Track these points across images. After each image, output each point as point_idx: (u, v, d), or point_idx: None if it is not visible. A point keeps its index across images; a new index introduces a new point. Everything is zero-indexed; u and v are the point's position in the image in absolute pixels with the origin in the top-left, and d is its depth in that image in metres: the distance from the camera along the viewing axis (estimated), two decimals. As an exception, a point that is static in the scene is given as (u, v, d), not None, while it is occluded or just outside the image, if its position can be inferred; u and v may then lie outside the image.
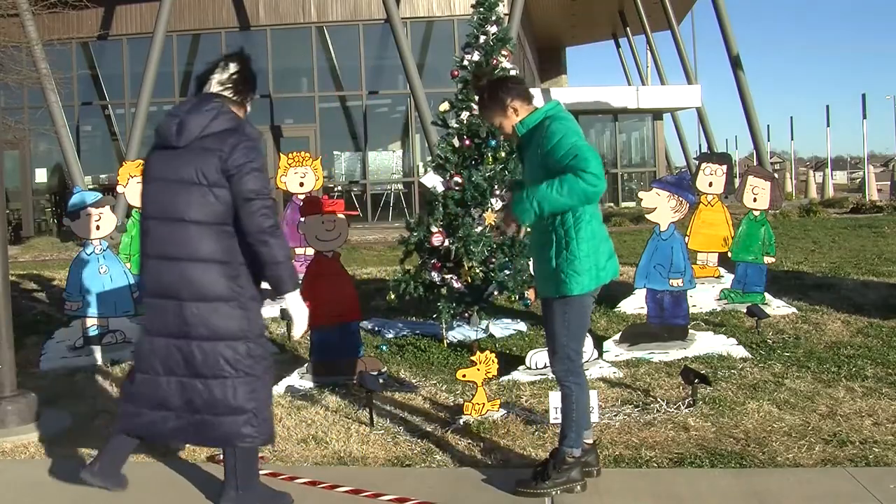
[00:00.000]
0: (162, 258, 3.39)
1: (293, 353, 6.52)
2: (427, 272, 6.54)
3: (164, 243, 3.39)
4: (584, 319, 3.68)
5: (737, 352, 5.94)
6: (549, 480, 3.61)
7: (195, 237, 3.34)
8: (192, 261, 3.35)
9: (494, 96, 3.72)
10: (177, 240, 3.36)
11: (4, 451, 4.42)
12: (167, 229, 3.38)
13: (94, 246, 6.32)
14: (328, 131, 21.50)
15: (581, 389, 3.69)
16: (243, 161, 3.32)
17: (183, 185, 3.35)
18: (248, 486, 3.47)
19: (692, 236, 7.81)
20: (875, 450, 4.08)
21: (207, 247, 3.34)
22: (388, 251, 13.30)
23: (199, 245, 3.34)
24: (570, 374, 3.67)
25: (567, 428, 3.67)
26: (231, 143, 3.34)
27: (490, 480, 3.80)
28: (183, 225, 3.35)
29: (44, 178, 21.82)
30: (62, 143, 18.14)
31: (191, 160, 3.35)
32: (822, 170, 35.08)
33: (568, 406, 3.67)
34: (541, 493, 3.60)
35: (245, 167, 3.32)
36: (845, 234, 14.00)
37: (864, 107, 25.72)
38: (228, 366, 3.37)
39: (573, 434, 3.65)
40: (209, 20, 21.20)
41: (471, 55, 6.65)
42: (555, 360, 3.70)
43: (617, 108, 23.25)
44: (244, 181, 3.31)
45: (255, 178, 3.33)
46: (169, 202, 3.38)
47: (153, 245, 3.43)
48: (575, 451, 3.65)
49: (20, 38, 15.01)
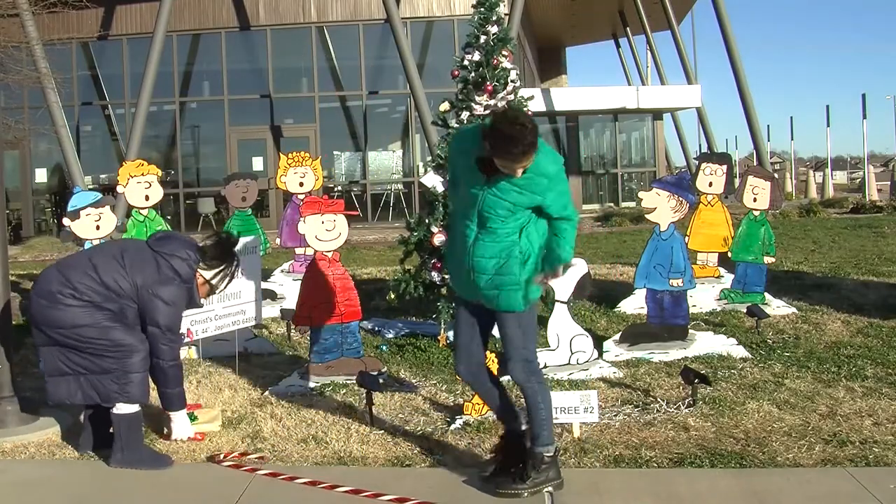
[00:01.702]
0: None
1: (293, 353, 6.52)
2: (427, 272, 6.54)
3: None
4: (535, 320, 3.79)
5: (737, 352, 5.94)
6: (529, 480, 3.63)
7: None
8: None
9: (535, 142, 3.37)
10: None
11: (4, 451, 4.42)
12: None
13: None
14: (328, 131, 21.49)
15: (543, 387, 3.72)
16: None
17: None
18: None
19: (692, 236, 7.81)
20: (875, 450, 4.08)
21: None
22: (388, 251, 13.30)
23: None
24: (531, 375, 3.69)
25: (539, 428, 3.69)
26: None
27: (490, 480, 3.79)
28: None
29: (44, 178, 21.83)
30: (62, 143, 18.13)
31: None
32: (822, 170, 35.07)
33: (535, 407, 3.68)
34: (520, 493, 3.61)
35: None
36: (845, 234, 14.00)
37: (864, 107, 25.72)
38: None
39: (546, 433, 3.69)
40: (209, 20, 21.19)
41: (471, 55, 6.64)
42: (513, 365, 3.68)
43: (617, 108, 23.24)
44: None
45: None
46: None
47: None
48: (550, 449, 3.68)
49: (20, 38, 14.99)
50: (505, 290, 3.59)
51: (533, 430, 3.70)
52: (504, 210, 3.51)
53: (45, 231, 20.51)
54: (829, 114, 29.78)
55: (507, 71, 6.55)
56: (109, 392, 4.06)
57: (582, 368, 5.54)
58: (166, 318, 4.09)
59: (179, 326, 4.27)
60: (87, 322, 3.98)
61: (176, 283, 4.12)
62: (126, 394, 4.04)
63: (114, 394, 4.05)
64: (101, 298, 4.01)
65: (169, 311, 4.10)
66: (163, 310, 4.07)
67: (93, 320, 3.99)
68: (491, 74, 6.54)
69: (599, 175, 24.35)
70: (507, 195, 3.49)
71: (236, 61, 21.56)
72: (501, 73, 6.57)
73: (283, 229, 8.69)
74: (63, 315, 3.98)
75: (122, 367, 4.02)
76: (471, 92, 6.57)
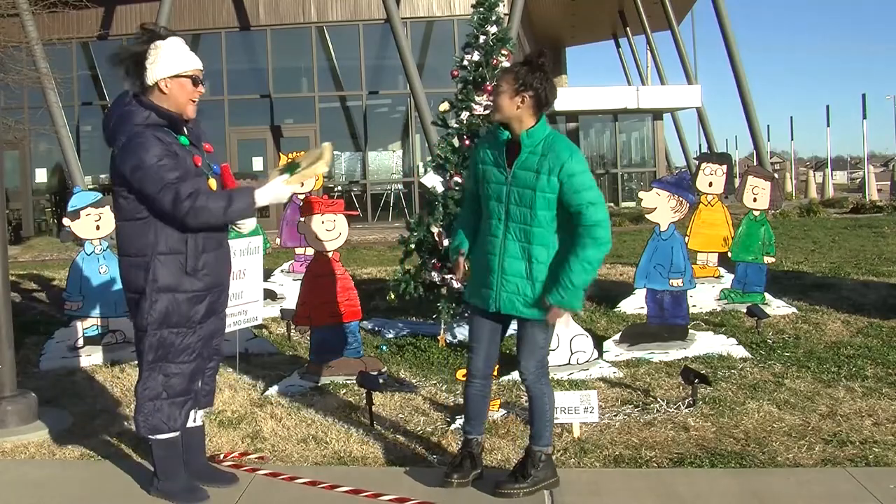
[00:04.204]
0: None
1: (293, 353, 6.52)
2: (427, 272, 6.54)
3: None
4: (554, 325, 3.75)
5: (737, 352, 5.94)
6: (530, 479, 3.64)
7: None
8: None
9: (525, 75, 3.50)
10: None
11: (4, 451, 4.42)
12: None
13: (94, 246, 6.31)
14: (328, 131, 21.47)
15: (550, 389, 3.74)
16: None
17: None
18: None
19: (692, 236, 7.81)
20: (875, 450, 4.08)
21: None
22: (388, 251, 13.31)
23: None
24: (542, 377, 3.69)
25: (543, 429, 3.70)
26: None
27: (490, 480, 3.79)
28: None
29: (44, 178, 21.84)
30: (62, 143, 18.12)
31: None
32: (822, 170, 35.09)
33: (542, 408, 3.69)
34: (519, 492, 3.61)
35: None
36: (845, 234, 14.00)
37: (864, 107, 25.75)
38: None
39: (548, 434, 3.71)
40: (209, 20, 21.19)
41: (471, 55, 6.64)
42: (527, 364, 3.66)
43: (617, 108, 23.26)
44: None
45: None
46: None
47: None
48: (548, 450, 3.71)
49: (20, 38, 14.99)
50: (523, 296, 3.56)
51: (536, 429, 3.70)
52: (529, 200, 3.49)
53: (45, 231, 20.50)
54: (829, 114, 29.87)
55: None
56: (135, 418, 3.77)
57: (582, 368, 5.54)
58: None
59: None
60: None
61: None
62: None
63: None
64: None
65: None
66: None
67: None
68: (491, 74, 6.54)
69: (599, 175, 24.38)
70: (529, 180, 3.49)
71: (236, 61, 21.56)
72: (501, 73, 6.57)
73: (283, 229, 8.69)
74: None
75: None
76: (470, 92, 6.57)
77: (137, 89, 3.51)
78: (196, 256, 3.52)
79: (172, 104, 3.51)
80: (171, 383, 3.56)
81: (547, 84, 3.53)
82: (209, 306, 3.62)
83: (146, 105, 3.47)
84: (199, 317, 3.58)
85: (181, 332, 3.54)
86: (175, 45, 3.53)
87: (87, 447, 4.40)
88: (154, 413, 3.55)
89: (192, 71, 3.56)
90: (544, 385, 3.69)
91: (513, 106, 3.52)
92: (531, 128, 3.53)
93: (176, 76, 3.50)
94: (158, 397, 3.55)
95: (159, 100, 3.49)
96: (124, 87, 3.59)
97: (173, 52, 3.51)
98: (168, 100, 3.50)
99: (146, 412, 3.55)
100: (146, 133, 3.42)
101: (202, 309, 3.58)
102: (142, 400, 3.55)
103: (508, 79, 3.55)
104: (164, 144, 3.43)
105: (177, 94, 3.51)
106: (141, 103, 3.48)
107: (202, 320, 3.59)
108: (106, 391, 5.50)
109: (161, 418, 3.56)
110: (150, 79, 3.48)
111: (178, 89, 3.51)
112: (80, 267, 6.27)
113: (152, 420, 3.55)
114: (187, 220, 3.41)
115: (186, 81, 3.53)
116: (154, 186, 3.37)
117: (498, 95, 3.56)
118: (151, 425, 3.56)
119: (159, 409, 3.55)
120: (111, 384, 5.63)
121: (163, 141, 3.43)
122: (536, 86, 3.50)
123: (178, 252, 3.49)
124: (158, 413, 3.55)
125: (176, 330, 3.53)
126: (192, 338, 3.57)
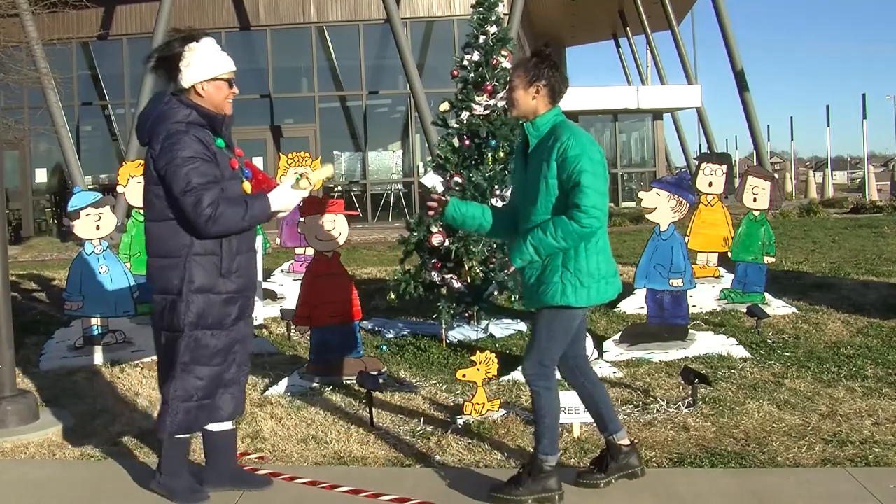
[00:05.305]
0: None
1: (293, 353, 6.52)
2: (427, 272, 6.54)
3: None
4: (570, 331, 3.61)
5: (737, 352, 5.94)
6: (524, 488, 3.54)
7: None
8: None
9: (535, 67, 3.56)
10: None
11: (4, 451, 4.42)
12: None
13: (94, 246, 6.31)
14: (328, 131, 21.49)
15: (550, 395, 3.61)
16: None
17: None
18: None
19: (692, 236, 7.81)
20: (875, 450, 4.08)
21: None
22: (388, 251, 13.31)
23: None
24: (539, 378, 3.59)
25: (540, 433, 3.61)
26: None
27: (490, 481, 3.79)
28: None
29: (44, 178, 21.83)
30: (62, 143, 18.13)
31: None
32: (822, 170, 35.09)
33: (538, 411, 3.61)
34: (513, 501, 3.53)
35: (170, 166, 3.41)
36: (845, 234, 14.00)
37: (864, 107, 25.73)
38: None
39: (546, 440, 3.59)
40: (209, 20, 21.17)
41: (471, 55, 6.65)
42: (528, 361, 3.62)
43: (617, 108, 23.26)
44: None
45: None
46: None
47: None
48: (550, 460, 3.58)
49: (20, 38, 15.00)
50: (544, 284, 3.54)
51: (536, 433, 3.64)
52: (536, 190, 3.50)
53: (45, 231, 20.50)
54: (829, 114, 29.83)
55: (506, 71, 6.56)
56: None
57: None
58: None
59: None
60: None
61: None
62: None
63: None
64: None
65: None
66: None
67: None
68: (490, 74, 6.55)
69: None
70: (539, 170, 3.51)
71: (236, 61, 20.82)
72: (501, 73, 6.58)
73: (283, 229, 8.69)
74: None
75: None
76: (470, 92, 6.57)
77: (174, 90, 3.53)
78: (231, 258, 3.53)
79: (210, 105, 3.53)
80: (201, 385, 3.56)
81: (557, 73, 3.59)
82: (240, 309, 3.63)
83: (187, 104, 3.49)
84: (232, 319, 3.58)
85: (216, 333, 3.55)
86: (209, 47, 3.54)
87: (87, 447, 4.40)
88: (184, 414, 3.55)
89: (228, 74, 3.58)
90: (541, 388, 3.59)
91: (528, 98, 3.57)
92: (537, 117, 3.57)
93: (213, 80, 3.52)
94: (190, 399, 3.55)
95: (197, 101, 3.52)
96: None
97: (208, 55, 3.52)
98: (205, 101, 3.52)
99: (175, 413, 3.53)
100: (186, 131, 3.43)
101: (235, 311, 3.59)
102: (173, 401, 3.53)
103: (520, 72, 3.60)
104: (203, 145, 3.44)
105: (213, 96, 3.53)
106: (181, 101, 3.49)
107: (234, 323, 3.60)
108: (106, 391, 5.50)
109: (189, 419, 3.56)
110: (186, 82, 3.49)
111: (214, 92, 3.54)
112: (80, 267, 6.27)
113: (180, 421, 3.54)
114: (207, 227, 3.40)
115: (223, 84, 3.56)
116: (178, 186, 3.37)
117: (512, 91, 3.60)
118: (178, 426, 3.55)
119: (188, 411, 3.55)
120: (111, 384, 5.63)
121: (202, 141, 3.44)
122: (548, 74, 3.55)
123: (213, 253, 3.49)
124: (188, 414, 3.55)
125: (211, 332, 3.53)
126: (225, 340, 3.57)
